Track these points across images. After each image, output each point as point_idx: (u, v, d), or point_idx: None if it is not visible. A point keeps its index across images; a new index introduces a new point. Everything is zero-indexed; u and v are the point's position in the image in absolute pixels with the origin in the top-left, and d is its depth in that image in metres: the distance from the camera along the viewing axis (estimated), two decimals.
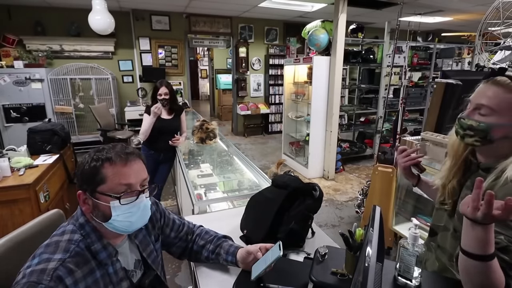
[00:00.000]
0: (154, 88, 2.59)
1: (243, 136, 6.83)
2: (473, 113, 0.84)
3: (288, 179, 1.23)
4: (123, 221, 0.80)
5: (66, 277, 0.70)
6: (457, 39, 6.20)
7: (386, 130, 4.44)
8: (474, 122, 0.82)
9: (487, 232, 0.64)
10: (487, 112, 0.81)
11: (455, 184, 0.92)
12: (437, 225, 1.00)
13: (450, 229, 0.94)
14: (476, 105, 0.83)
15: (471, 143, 0.84)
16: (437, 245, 0.99)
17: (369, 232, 0.68)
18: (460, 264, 0.71)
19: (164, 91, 2.54)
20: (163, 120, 2.63)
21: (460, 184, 0.92)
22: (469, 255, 0.67)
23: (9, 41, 4.77)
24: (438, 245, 0.99)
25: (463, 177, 0.92)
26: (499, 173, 0.80)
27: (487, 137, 0.81)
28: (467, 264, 0.68)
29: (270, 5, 5.04)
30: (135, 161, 0.81)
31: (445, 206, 0.95)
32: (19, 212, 1.94)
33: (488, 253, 0.64)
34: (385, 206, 2.44)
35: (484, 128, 0.80)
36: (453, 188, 0.92)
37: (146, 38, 5.59)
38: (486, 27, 1.56)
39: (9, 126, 4.49)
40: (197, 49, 11.36)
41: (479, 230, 0.64)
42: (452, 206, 0.93)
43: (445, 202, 0.95)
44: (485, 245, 0.64)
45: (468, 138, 0.84)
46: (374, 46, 5.06)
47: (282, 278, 0.95)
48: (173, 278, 2.24)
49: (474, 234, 0.65)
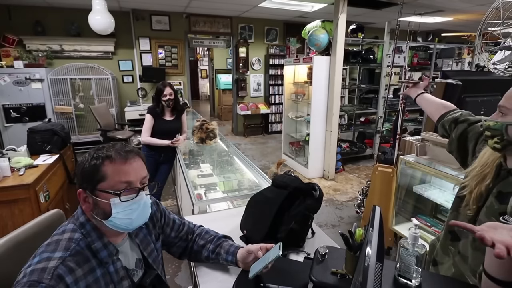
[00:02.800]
0: (157, 90, 2.60)
1: (243, 136, 6.83)
2: (496, 116, 0.83)
3: (288, 179, 1.23)
4: (124, 219, 0.80)
5: (67, 276, 0.70)
6: (457, 39, 6.20)
7: (386, 130, 4.44)
8: (491, 123, 0.82)
9: None
10: (505, 112, 0.80)
11: (483, 190, 0.87)
12: (461, 230, 0.93)
13: (468, 237, 0.89)
14: (498, 107, 0.83)
15: (493, 145, 0.83)
16: (457, 251, 0.95)
17: (369, 232, 0.68)
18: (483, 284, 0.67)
19: (169, 91, 2.57)
20: (165, 121, 2.65)
21: (488, 190, 0.87)
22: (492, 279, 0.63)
23: (9, 41, 4.76)
24: (459, 252, 0.94)
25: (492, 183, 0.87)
26: None
27: (504, 136, 0.79)
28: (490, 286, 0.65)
29: (270, 5, 5.04)
30: (134, 159, 0.82)
31: (467, 212, 0.90)
32: (19, 212, 1.94)
33: None
34: (385, 206, 2.44)
35: (498, 127, 0.80)
36: (480, 194, 0.87)
37: (146, 38, 5.59)
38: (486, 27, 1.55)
39: (9, 126, 4.49)
40: (197, 49, 11.36)
41: None
42: (475, 212, 0.88)
43: (469, 208, 0.90)
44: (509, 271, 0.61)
45: (490, 140, 0.83)
46: (374, 46, 5.06)
47: (282, 278, 0.95)
48: (173, 278, 2.24)
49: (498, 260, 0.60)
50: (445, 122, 1.12)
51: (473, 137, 1.01)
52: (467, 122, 1.05)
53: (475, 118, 1.05)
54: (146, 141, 2.61)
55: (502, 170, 0.85)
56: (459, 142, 1.05)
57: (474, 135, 1.01)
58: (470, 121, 1.04)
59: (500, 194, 0.83)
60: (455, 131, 1.07)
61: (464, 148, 1.04)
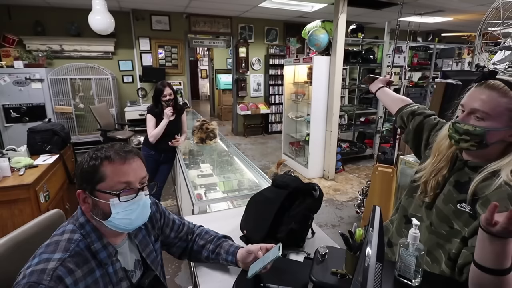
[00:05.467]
0: (156, 91, 2.59)
1: (243, 136, 6.83)
2: (468, 117, 0.83)
3: (288, 179, 1.23)
4: (123, 219, 0.80)
5: (66, 277, 0.70)
6: (457, 39, 6.21)
7: (386, 130, 4.43)
8: (470, 127, 0.82)
9: (506, 246, 0.63)
10: (482, 116, 0.80)
11: (440, 179, 0.92)
12: (414, 214, 0.99)
13: (425, 221, 0.94)
14: (471, 110, 0.83)
15: (467, 147, 0.84)
16: None
17: (369, 232, 0.68)
18: (473, 278, 0.70)
19: (168, 91, 2.57)
20: None
21: (444, 179, 0.92)
22: (485, 270, 0.66)
23: (9, 41, 4.76)
24: None
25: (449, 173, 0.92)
26: (488, 174, 0.80)
27: (483, 141, 0.80)
28: (482, 278, 0.67)
29: (270, 5, 5.04)
30: (133, 159, 0.82)
31: (425, 198, 0.95)
32: (19, 212, 1.94)
33: (505, 267, 0.64)
34: (385, 206, 2.44)
35: (480, 133, 0.80)
36: (437, 183, 0.93)
37: (146, 38, 5.59)
38: (486, 27, 1.55)
39: (9, 126, 4.49)
40: (197, 49, 11.36)
41: (497, 244, 0.63)
42: (432, 199, 0.93)
43: (425, 196, 0.95)
44: (503, 259, 0.64)
45: (463, 143, 0.84)
46: (374, 46, 5.06)
47: (282, 278, 0.95)
48: (173, 278, 2.24)
49: (492, 248, 0.64)
50: (403, 114, 1.22)
51: (427, 129, 1.10)
52: (423, 115, 1.14)
53: (430, 112, 1.16)
54: (154, 135, 2.55)
55: (458, 161, 0.91)
56: (415, 132, 1.14)
57: (428, 127, 1.10)
58: (425, 114, 1.15)
59: (458, 183, 0.88)
60: (412, 122, 1.16)
61: (418, 138, 1.14)
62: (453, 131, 0.86)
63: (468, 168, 0.88)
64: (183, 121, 2.79)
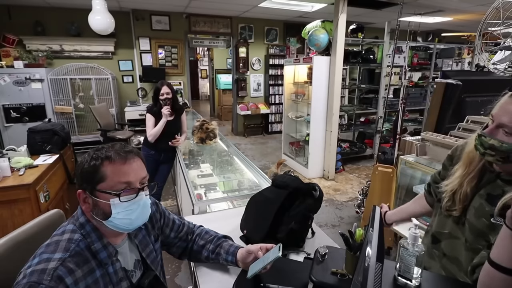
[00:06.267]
0: (155, 90, 2.60)
1: (243, 136, 6.83)
2: (496, 131, 0.78)
3: (288, 179, 1.23)
4: (124, 219, 0.80)
5: (66, 277, 0.70)
6: (457, 39, 6.21)
7: (386, 130, 4.44)
8: (496, 142, 0.77)
9: None
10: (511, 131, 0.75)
11: (468, 191, 0.87)
12: (440, 231, 0.96)
13: (459, 237, 0.90)
14: (499, 124, 0.77)
15: (492, 161, 0.81)
16: (442, 253, 0.96)
17: (369, 232, 0.68)
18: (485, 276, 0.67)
19: (166, 90, 2.56)
20: None
21: (473, 192, 0.88)
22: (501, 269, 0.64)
23: (9, 41, 4.76)
24: (444, 254, 0.95)
25: (477, 185, 0.88)
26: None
27: (509, 157, 0.76)
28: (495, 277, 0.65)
29: (270, 5, 5.04)
30: (134, 159, 0.82)
31: (453, 212, 0.91)
32: (19, 212, 1.94)
33: None
34: None
35: (506, 149, 0.75)
36: (465, 195, 0.88)
37: (146, 38, 5.59)
38: (486, 27, 1.56)
39: (9, 126, 4.49)
40: (197, 49, 11.36)
41: None
42: (460, 212, 0.89)
43: (454, 208, 0.91)
44: None
45: (489, 157, 0.80)
46: (374, 46, 5.06)
47: (282, 278, 0.95)
48: (173, 278, 2.24)
49: None
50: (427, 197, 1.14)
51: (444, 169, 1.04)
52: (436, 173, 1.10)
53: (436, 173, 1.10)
54: (153, 134, 2.55)
55: (489, 173, 0.86)
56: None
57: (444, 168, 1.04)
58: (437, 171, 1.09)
59: (490, 196, 0.84)
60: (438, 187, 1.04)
61: None
62: (478, 143, 0.81)
63: (501, 180, 0.83)
64: (183, 121, 2.79)
